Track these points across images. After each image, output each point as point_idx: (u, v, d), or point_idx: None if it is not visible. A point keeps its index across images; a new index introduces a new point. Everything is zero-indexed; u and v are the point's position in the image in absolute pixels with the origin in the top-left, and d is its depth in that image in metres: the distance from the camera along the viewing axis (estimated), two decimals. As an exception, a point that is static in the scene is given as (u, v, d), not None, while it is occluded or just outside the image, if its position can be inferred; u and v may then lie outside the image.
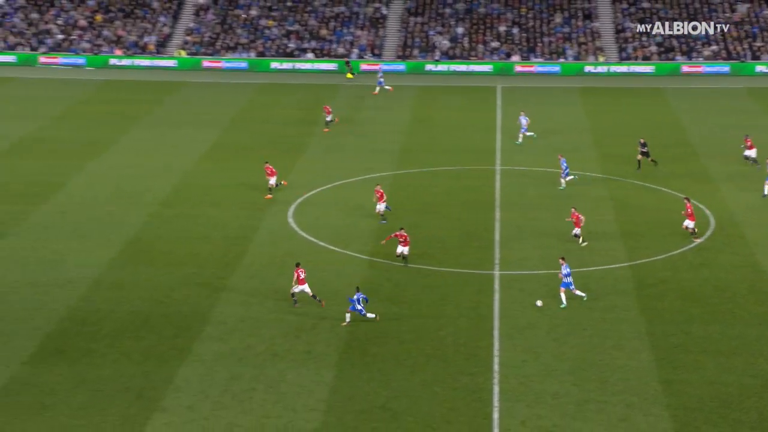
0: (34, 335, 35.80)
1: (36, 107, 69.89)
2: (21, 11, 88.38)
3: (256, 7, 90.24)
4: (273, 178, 51.11)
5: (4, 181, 53.26)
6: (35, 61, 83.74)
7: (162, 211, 49.42)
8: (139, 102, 72.60)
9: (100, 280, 40.89)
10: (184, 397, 31.73)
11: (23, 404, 31.17)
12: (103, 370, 33.39)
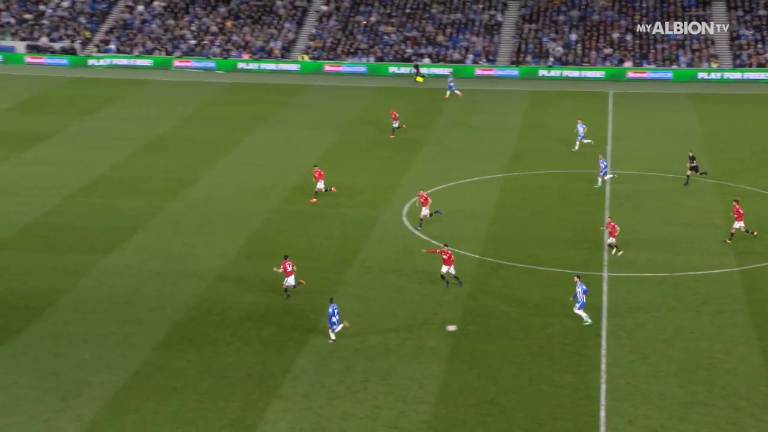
0: (164, 323, 36.73)
1: (170, 108, 71.63)
2: (159, 18, 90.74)
3: (376, 14, 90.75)
4: (321, 182, 50.73)
5: (140, 178, 54.73)
6: (170, 64, 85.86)
7: (283, 207, 50.10)
8: (264, 103, 73.76)
9: (225, 272, 41.69)
10: (300, 386, 32.11)
11: (154, 387, 32.01)
12: (227, 358, 34.04)
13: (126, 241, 44.91)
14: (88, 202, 50.27)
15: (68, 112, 69.26)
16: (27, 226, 46.50)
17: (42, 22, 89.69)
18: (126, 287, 39.88)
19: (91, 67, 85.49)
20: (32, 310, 37.50)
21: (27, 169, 55.76)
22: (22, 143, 60.56)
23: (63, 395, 31.35)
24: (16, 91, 75.14)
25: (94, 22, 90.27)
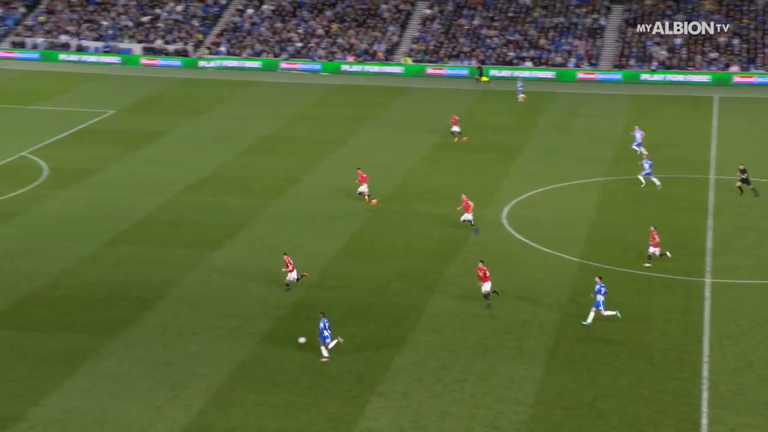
0: (267, 318, 37.16)
1: (276, 108, 72.50)
2: (267, 21, 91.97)
3: (478, 17, 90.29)
4: (364, 185, 50.43)
5: (246, 176, 55.50)
6: (277, 66, 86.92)
7: (384, 207, 50.18)
8: (367, 105, 74.07)
9: (326, 269, 41.97)
10: (399, 384, 32.10)
11: (257, 380, 32.41)
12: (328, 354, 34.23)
13: (233, 237, 45.59)
14: (198, 199, 51.20)
15: (180, 112, 70.71)
16: (140, 221, 47.59)
17: (157, 25, 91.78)
18: (232, 282, 40.48)
19: (203, 69, 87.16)
20: (144, 302, 38.37)
21: (141, 167, 57.08)
22: (136, 142, 62.04)
23: (172, 385, 31.99)
24: (132, 92, 77.05)
25: (206, 25, 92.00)
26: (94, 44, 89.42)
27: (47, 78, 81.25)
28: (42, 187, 52.33)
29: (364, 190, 50.31)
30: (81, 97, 74.73)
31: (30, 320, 36.61)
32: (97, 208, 49.22)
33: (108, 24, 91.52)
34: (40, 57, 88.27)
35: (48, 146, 60.28)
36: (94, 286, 39.72)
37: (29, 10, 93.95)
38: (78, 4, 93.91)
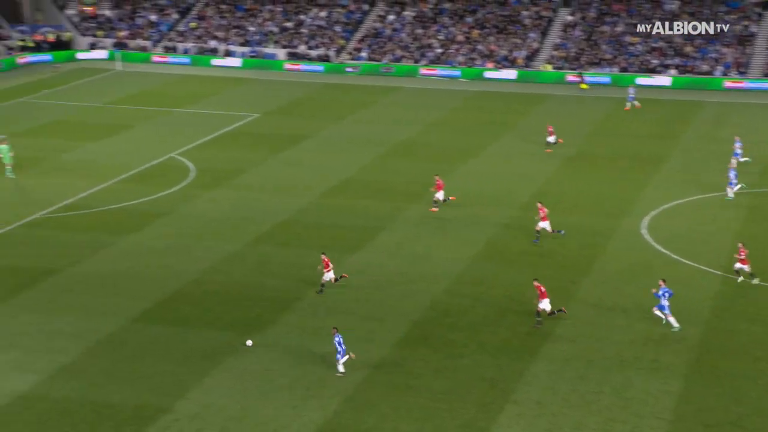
0: (403, 321, 37.33)
1: (415, 114, 72.81)
2: (408, 27, 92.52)
3: (621, 24, 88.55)
4: (440, 192, 49.80)
5: (385, 180, 55.94)
6: (416, 72, 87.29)
7: (520, 214, 49.74)
8: (506, 112, 73.58)
9: (462, 275, 41.88)
10: (533, 392, 31.74)
11: (392, 383, 32.59)
12: (462, 360, 34.15)
13: (370, 240, 46.01)
14: (337, 202, 51.88)
15: (322, 116, 71.83)
16: (282, 222, 48.54)
17: (301, 30, 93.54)
18: (369, 285, 40.85)
19: (344, 74, 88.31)
20: (283, 302, 39.12)
21: (283, 169, 58.23)
22: (279, 145, 63.33)
23: (308, 385, 32.49)
24: (276, 96, 78.71)
25: (348, 30, 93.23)
26: (241, 49, 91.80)
27: (196, 82, 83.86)
28: (189, 187, 53.99)
29: (439, 197, 50.11)
30: (227, 100, 76.81)
31: (176, 316, 37.82)
32: (240, 209, 50.46)
33: (254, 29, 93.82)
34: (190, 61, 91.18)
35: (195, 148, 62.17)
36: (237, 285, 40.74)
37: (182, 16, 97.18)
38: (227, 11, 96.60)
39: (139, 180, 54.86)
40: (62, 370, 33.21)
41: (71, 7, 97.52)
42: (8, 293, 39.23)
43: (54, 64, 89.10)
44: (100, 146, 62.10)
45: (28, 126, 66.76)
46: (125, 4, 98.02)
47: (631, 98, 73.35)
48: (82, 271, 41.91)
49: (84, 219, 48.51)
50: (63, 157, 59.43)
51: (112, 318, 37.31)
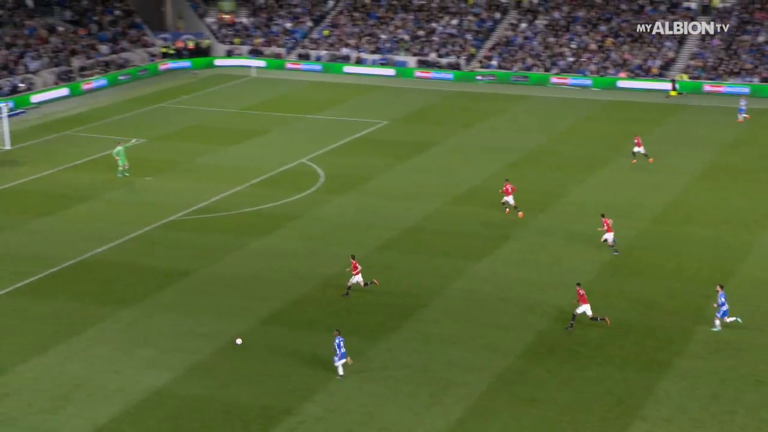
0: (528, 331, 36.90)
1: (545, 123, 72.01)
2: (540, 35, 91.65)
3: (764, 33, 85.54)
4: (509, 197, 49.55)
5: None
6: (547, 81, 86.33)
7: (652, 226, 48.56)
8: (639, 121, 71.98)
9: (589, 286, 41.04)
10: (663, 409, 30.88)
11: (516, 394, 32.24)
12: (588, 372, 33.52)
13: (496, 249, 45.67)
14: (464, 210, 51.70)
15: (450, 124, 71.76)
16: (408, 229, 48.67)
17: (432, 38, 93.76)
18: (494, 293, 40.55)
19: (474, 82, 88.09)
20: (407, 309, 39.18)
21: (410, 176, 58.39)
22: (407, 152, 63.55)
23: (432, 391, 32.44)
24: (406, 103, 79.04)
25: (479, 39, 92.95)
26: (372, 57, 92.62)
27: (328, 88, 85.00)
28: (318, 192, 54.72)
29: (509, 201, 49.99)
30: (357, 107, 77.57)
31: (303, 319, 38.33)
32: (367, 215, 50.84)
33: (386, 37, 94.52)
34: (322, 68, 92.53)
35: (325, 154, 62.98)
36: (362, 291, 41.00)
37: (316, 24, 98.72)
38: (360, 19, 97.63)
39: (271, 184, 55.90)
40: (194, 369, 34.06)
41: (211, 15, 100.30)
42: (145, 293, 40.50)
43: (193, 71, 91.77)
44: (235, 151, 63.57)
45: (167, 130, 68.91)
46: (261, 12, 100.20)
47: (742, 110, 70.82)
48: (215, 273, 42.94)
49: (217, 222, 49.72)
50: (199, 160, 61.08)
51: (242, 319, 38.08)
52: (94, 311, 38.63)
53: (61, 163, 59.37)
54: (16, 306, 38.92)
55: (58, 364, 34.31)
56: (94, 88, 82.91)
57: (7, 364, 34.06)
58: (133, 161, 59.36)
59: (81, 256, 44.18)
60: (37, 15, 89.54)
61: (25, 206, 51.77)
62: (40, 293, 40.44)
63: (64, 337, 36.34)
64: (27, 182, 56.22)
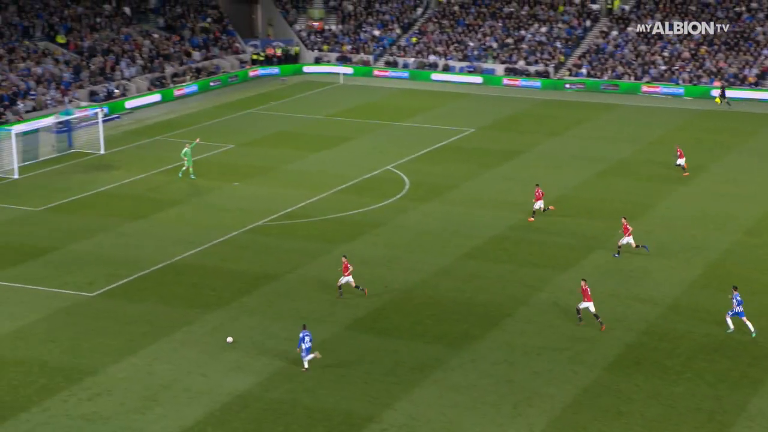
0: (615, 344, 36.32)
1: (635, 132, 70.90)
2: (631, 43, 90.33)
3: None
4: (539, 202, 49.43)
5: (599, 198, 54.75)
6: (638, 89, 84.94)
7: (746, 239, 47.40)
8: (733, 132, 70.40)
9: (679, 300, 40.33)
10: (756, 427, 30.09)
11: (602, 407, 31.74)
12: (677, 387, 32.83)
13: (583, 259, 45.09)
14: (551, 219, 51.16)
15: (537, 132, 71.18)
16: (493, 238, 48.37)
17: (521, 46, 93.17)
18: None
19: (563, 90, 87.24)
20: (491, 318, 38.93)
21: (496, 184, 58.06)
22: (493, 160, 63.23)
23: (515, 402, 32.15)
24: (493, 111, 78.66)
25: (568, 47, 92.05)
26: (460, 64, 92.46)
27: (415, 96, 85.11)
28: (403, 199, 54.78)
29: (539, 206, 49.90)
30: (444, 114, 77.47)
31: (387, 327, 38.37)
32: (452, 223, 50.69)
33: (474, 45, 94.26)
34: (409, 76, 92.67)
35: (411, 161, 63.02)
36: (446, 299, 40.90)
37: (404, 31, 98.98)
38: (448, 26, 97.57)
39: (356, 191, 56.15)
40: (277, 373, 34.37)
41: (300, 22, 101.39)
42: (231, 297, 41.05)
43: (281, 78, 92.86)
44: (321, 157, 64.07)
45: (254, 136, 69.82)
46: (350, 20, 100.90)
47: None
48: (299, 278, 43.30)
49: (303, 227, 50.15)
50: (285, 166, 61.72)
51: (326, 325, 38.30)
52: (181, 314, 39.30)
53: (153, 168, 60.63)
54: (109, 307, 39.84)
55: (147, 365, 34.97)
56: (185, 94, 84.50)
57: (99, 365, 34.84)
58: (221, 167, 60.32)
59: (170, 260, 45.00)
60: (134, 22, 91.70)
61: (118, 209, 52.97)
62: (131, 295, 41.31)
63: (153, 339, 37.04)
64: (120, 186, 57.55)
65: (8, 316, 39.02)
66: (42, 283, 42.40)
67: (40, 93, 74.55)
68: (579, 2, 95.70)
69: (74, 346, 36.29)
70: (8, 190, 56.72)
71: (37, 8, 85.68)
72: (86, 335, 36.81)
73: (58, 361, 35.13)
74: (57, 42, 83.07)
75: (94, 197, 55.39)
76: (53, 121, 65.96)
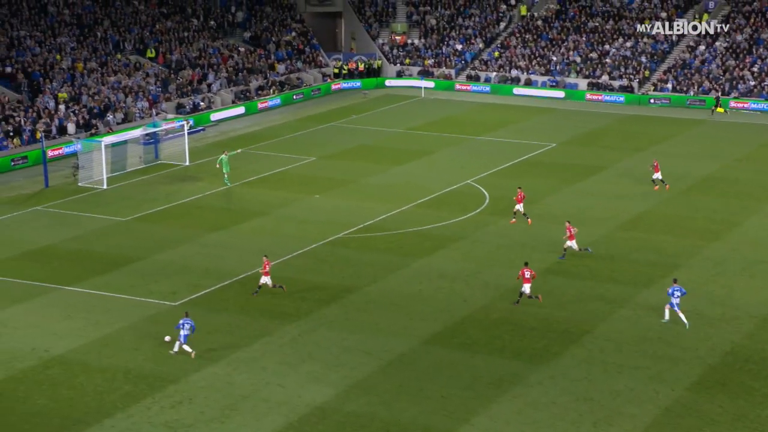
0: (697, 364, 35.58)
1: (721, 148, 69.58)
2: (719, 58, 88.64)
3: None
4: (520, 205, 50.57)
5: (683, 216, 53.79)
6: (725, 105, 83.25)
7: (838, 259, 46.03)
8: (823, 148, 68.57)
9: (766, 320, 39.30)
10: (843, 454, 29.09)
11: (684, 427, 31.11)
12: (764, 411, 32.03)
13: (665, 277, 44.29)
14: (632, 235, 50.45)
15: (620, 148, 70.28)
16: (574, 254, 47.77)
17: (605, 60, 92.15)
18: (662, 323, 39.29)
19: (647, 105, 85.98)
20: (571, 335, 38.47)
21: (577, 199, 57.45)
22: (574, 175, 62.60)
23: (595, 421, 31.69)
24: (575, 126, 77.95)
25: (654, 61, 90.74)
26: (542, 78, 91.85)
27: (496, 110, 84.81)
28: (482, 214, 54.55)
29: (519, 209, 51.02)
30: (525, 129, 77.02)
31: (465, 341, 38.19)
32: (532, 238, 50.28)
33: (557, 59, 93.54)
34: (490, 90, 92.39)
35: (491, 175, 62.76)
36: (524, 314, 40.55)
37: (486, 45, 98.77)
38: (531, 41, 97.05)
39: (436, 205, 56.11)
40: (355, 386, 34.46)
41: (383, 36, 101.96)
42: (310, 309, 41.33)
43: (363, 91, 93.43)
44: (401, 171, 64.21)
45: (336, 149, 70.32)
46: (433, 34, 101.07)
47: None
48: (377, 291, 43.40)
49: (382, 240, 50.28)
50: (366, 179, 62.01)
51: (403, 338, 38.30)
52: (261, 325, 39.71)
53: (235, 180, 61.47)
54: (191, 317, 40.43)
55: (227, 374, 35.41)
56: (269, 107, 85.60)
57: (180, 373, 35.38)
58: (302, 179, 60.91)
59: (250, 271, 45.51)
60: (220, 36, 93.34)
61: (201, 220, 53.85)
62: (213, 305, 41.90)
63: (233, 348, 37.49)
64: (203, 197, 58.50)
65: (95, 324, 39.91)
66: (128, 292, 43.28)
67: (129, 105, 76.33)
68: (665, 17, 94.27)
69: (157, 355, 36.94)
70: (97, 200, 58.11)
71: (129, 23, 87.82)
72: (169, 344, 37.44)
73: (142, 369, 35.79)
74: (147, 56, 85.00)
75: (178, 208, 56.41)
76: (141, 133, 67.42)
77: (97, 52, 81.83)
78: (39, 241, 50.56)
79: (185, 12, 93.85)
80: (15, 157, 65.91)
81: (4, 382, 34.77)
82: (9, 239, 50.91)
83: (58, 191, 60.03)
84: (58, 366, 36.05)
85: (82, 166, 62.35)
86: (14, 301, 42.37)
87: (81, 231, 52.19)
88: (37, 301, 42.52)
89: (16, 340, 38.35)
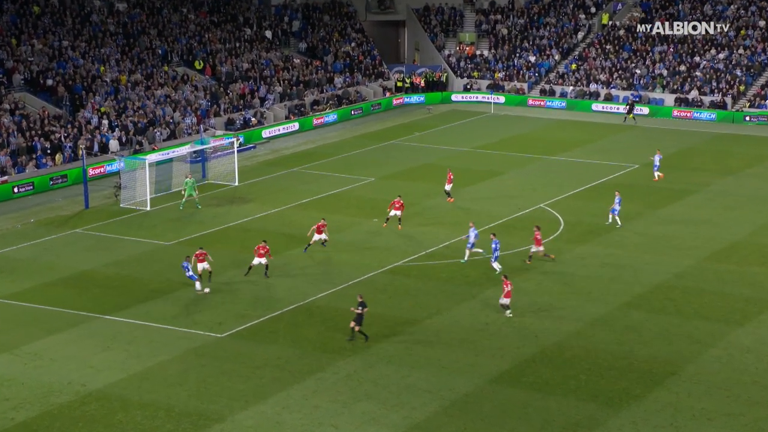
0: (796, 411, 34.86)
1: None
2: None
3: None
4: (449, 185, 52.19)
5: None
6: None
7: None
8: None
9: None
10: None
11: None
12: None
13: (761, 314, 43.56)
14: (724, 267, 49.74)
15: (711, 169, 69.48)
16: (657, 286, 47.31)
17: (694, 74, 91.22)
18: (757, 365, 38.58)
19: (742, 123, 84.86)
20: (655, 376, 37.96)
21: (662, 226, 56.84)
22: (659, 199, 62.02)
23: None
24: (660, 145, 76.93)
25: (750, 74, 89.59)
26: (624, 93, 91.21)
27: (573, 127, 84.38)
28: (556, 241, 54.22)
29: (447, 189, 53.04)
30: (604, 148, 76.52)
31: (536, 381, 37.89)
32: (611, 268, 49.85)
33: (641, 72, 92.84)
34: (566, 106, 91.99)
35: (566, 198, 62.40)
36: (602, 352, 40.14)
37: (563, 57, 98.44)
38: (612, 52, 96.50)
39: (505, 230, 55.85)
40: (415, 427, 34.36)
41: (449, 47, 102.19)
42: (368, 342, 41.34)
43: (427, 106, 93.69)
44: (467, 193, 64.13)
45: (396, 169, 70.54)
46: (504, 44, 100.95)
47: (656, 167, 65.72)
48: (440, 324, 43.31)
49: (445, 269, 50.20)
50: (427, 202, 62.03)
51: (468, 376, 38.13)
52: (313, 359, 39.82)
53: (287, 202, 61.95)
54: (238, 349, 40.72)
55: (276, 414, 35.52)
56: (324, 123, 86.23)
57: (226, 411, 35.58)
58: (360, 201, 61.12)
59: (302, 301, 45.76)
60: (273, 47, 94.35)
61: (250, 245, 54.22)
62: (262, 337, 42.13)
63: (283, 385, 37.62)
64: (252, 220, 59.01)
65: (136, 356, 40.36)
66: (171, 323, 43.73)
67: (176, 120, 77.41)
68: (764, 25, 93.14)
69: (201, 390, 37.21)
70: (141, 222, 58.96)
71: (176, 32, 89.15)
72: (214, 379, 37.76)
73: (185, 406, 36.07)
74: (195, 68, 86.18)
75: (225, 231, 56.97)
76: (188, 151, 68.31)
77: (143, 63, 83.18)
78: (77, 266, 51.41)
79: (237, 21, 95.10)
80: (54, 176, 67.28)
81: (39, 418, 35.30)
82: (46, 264, 51.86)
83: (99, 212, 61.05)
84: (95, 402, 36.51)
85: (124, 185, 63.34)
86: (50, 331, 43.07)
87: (122, 255, 52.96)
88: (75, 331, 43.17)
89: (52, 372, 38.94)
